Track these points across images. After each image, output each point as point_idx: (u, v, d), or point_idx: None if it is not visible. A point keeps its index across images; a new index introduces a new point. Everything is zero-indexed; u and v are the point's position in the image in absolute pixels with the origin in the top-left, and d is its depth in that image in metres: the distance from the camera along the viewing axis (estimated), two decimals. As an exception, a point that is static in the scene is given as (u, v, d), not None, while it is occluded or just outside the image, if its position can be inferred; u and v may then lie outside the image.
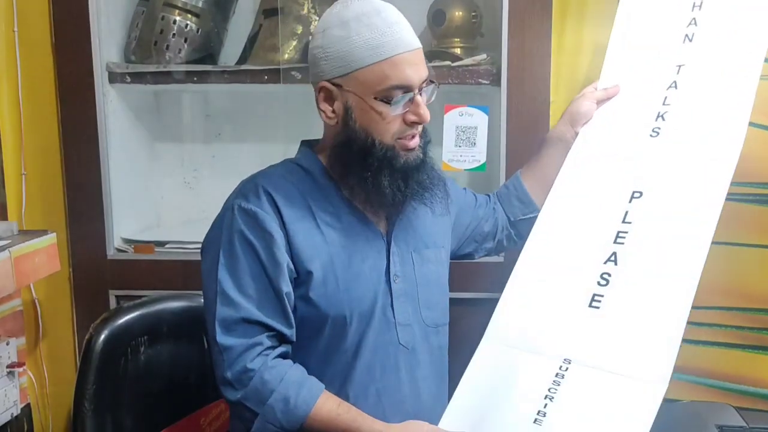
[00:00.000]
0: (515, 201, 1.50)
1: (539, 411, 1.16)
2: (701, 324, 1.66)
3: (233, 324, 1.16)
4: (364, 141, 1.18)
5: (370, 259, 1.24)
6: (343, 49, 1.15)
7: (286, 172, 1.25)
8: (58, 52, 1.74)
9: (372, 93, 1.15)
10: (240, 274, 1.17)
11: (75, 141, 1.76)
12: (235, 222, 1.19)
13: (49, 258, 1.60)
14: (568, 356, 1.21)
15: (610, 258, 1.27)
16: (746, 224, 1.62)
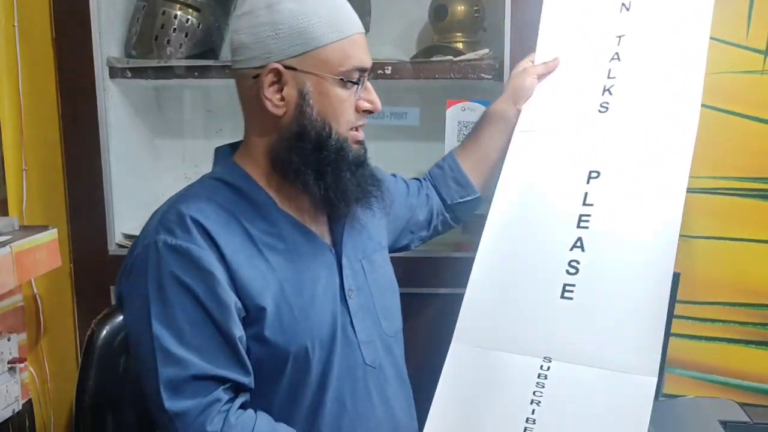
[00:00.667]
0: (452, 183, 1.41)
1: (527, 419, 1.11)
2: (704, 320, 1.66)
3: (182, 384, 0.99)
4: (321, 130, 1.06)
5: (322, 278, 1.11)
6: (300, 24, 1.02)
7: (211, 193, 1.08)
8: (58, 47, 1.73)
9: (335, 73, 1.05)
10: (179, 324, 0.99)
11: (76, 136, 1.75)
12: (162, 263, 1.00)
13: (50, 253, 1.60)
14: (547, 354, 1.15)
15: (576, 244, 1.21)
16: (749, 219, 1.62)
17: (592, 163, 1.25)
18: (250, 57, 1.06)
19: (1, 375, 1.66)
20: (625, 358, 1.10)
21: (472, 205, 1.43)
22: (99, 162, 1.73)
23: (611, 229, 1.20)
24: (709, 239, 1.64)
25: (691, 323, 1.66)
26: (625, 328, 1.12)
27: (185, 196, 1.09)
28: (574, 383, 1.12)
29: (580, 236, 1.21)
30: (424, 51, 1.77)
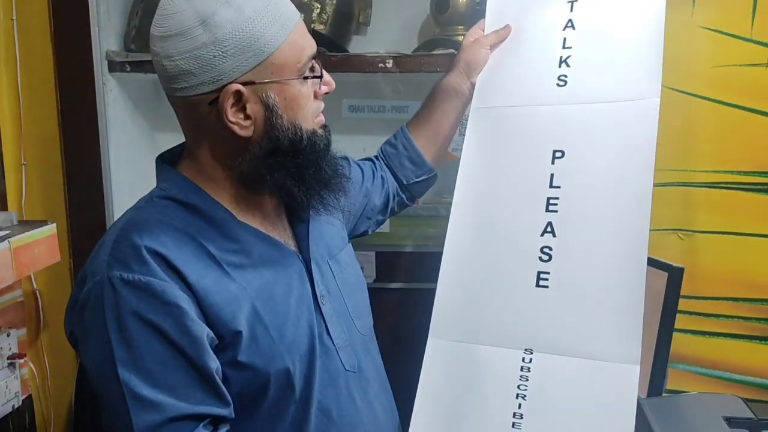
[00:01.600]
0: (407, 162, 1.35)
1: (515, 413, 1.09)
2: (707, 315, 1.65)
3: (161, 428, 0.91)
4: (293, 137, 0.98)
5: (294, 289, 1.04)
6: (246, 35, 0.92)
7: (163, 215, 0.98)
8: (57, 41, 1.72)
9: (295, 72, 0.97)
10: (148, 366, 0.91)
11: (75, 131, 1.74)
12: (121, 301, 0.91)
13: (49, 248, 1.59)
14: (528, 345, 1.12)
15: (547, 229, 1.16)
16: (752, 214, 1.61)
17: (555, 142, 1.19)
18: (198, 83, 0.94)
19: (0, 371, 1.65)
20: (606, 347, 1.07)
21: (428, 184, 1.39)
22: (98, 156, 1.73)
23: (581, 212, 1.15)
24: (713, 234, 1.63)
25: (694, 318, 1.66)
26: (603, 315, 1.09)
27: (135, 222, 0.97)
28: (558, 375, 1.09)
29: (549, 221, 1.16)
30: (425, 44, 1.75)
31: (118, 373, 0.90)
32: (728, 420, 1.14)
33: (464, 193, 1.25)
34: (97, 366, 0.93)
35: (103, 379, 0.93)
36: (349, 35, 1.80)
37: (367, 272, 1.70)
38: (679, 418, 1.19)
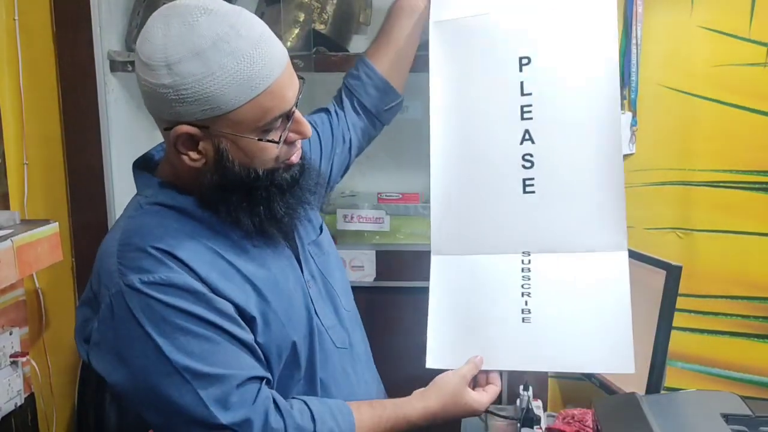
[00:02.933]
0: (372, 91, 1.34)
1: (523, 309, 1.19)
2: (705, 313, 1.66)
3: (229, 397, 0.96)
4: (246, 177, 0.99)
5: (290, 274, 1.09)
6: (206, 89, 0.90)
7: (158, 219, 1.01)
8: (58, 41, 1.72)
9: (251, 132, 0.95)
10: (198, 349, 0.96)
11: (77, 130, 1.74)
12: (150, 302, 0.95)
13: (51, 247, 1.59)
14: (525, 248, 1.21)
15: (525, 137, 1.21)
16: (752, 213, 1.62)
17: (520, 48, 1.21)
18: (157, 112, 0.97)
19: (3, 369, 1.66)
20: (596, 240, 1.17)
21: (396, 110, 1.39)
22: (100, 155, 1.73)
23: (555, 116, 1.19)
24: (712, 232, 1.63)
25: (693, 316, 1.66)
26: (589, 211, 1.17)
27: (132, 229, 1.01)
28: (556, 270, 1.19)
29: (527, 128, 1.20)
30: (425, 44, 1.74)
31: (174, 363, 0.95)
32: (726, 417, 1.14)
33: (439, 112, 1.27)
34: (146, 372, 0.96)
35: (156, 374, 0.95)
36: (349, 35, 1.79)
37: (367, 271, 1.71)
38: (676, 415, 1.19)
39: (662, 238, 1.65)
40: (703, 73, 1.58)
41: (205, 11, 0.92)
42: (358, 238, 1.73)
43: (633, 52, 1.57)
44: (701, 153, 1.61)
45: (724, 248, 1.63)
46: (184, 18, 0.92)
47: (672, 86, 1.60)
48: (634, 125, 1.61)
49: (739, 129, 1.59)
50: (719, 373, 1.68)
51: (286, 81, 0.96)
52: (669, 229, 1.65)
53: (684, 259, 1.54)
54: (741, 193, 1.61)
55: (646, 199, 1.64)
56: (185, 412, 0.96)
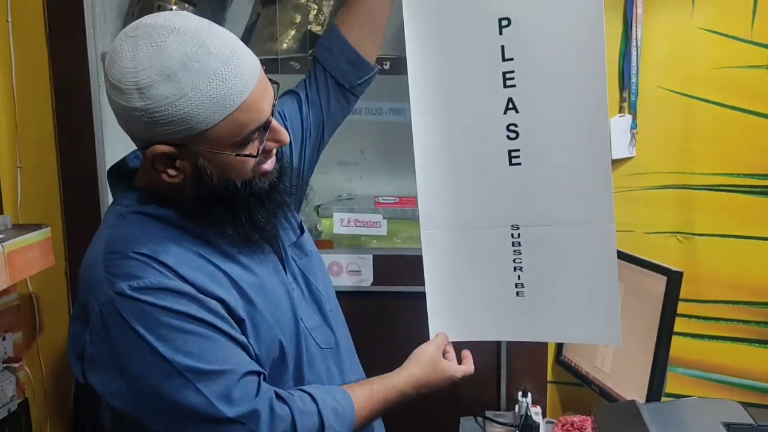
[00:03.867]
0: (345, 65, 1.29)
1: (516, 284, 1.22)
2: (706, 318, 1.65)
3: (232, 391, 0.96)
4: (225, 190, 0.98)
5: (275, 279, 1.09)
6: (179, 111, 0.89)
7: (141, 227, 1.00)
8: (52, 43, 1.70)
9: (228, 148, 0.94)
10: (196, 349, 0.95)
11: (71, 133, 1.73)
12: (143, 306, 0.93)
13: (43, 252, 1.58)
14: (513, 222, 1.21)
15: (509, 106, 1.18)
16: (753, 217, 1.61)
17: (498, 9, 1.16)
18: (131, 132, 0.95)
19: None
20: (583, 212, 1.17)
21: (370, 81, 1.35)
22: (94, 159, 1.71)
23: (538, 82, 1.15)
24: (713, 237, 1.62)
25: (694, 322, 1.65)
26: (576, 182, 1.16)
27: (116, 238, 0.99)
28: (546, 243, 1.20)
29: (510, 97, 1.16)
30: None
31: (174, 365, 0.93)
32: (728, 426, 1.13)
33: (418, 83, 1.23)
34: (146, 378, 0.94)
35: (158, 384, 0.94)
36: (346, 37, 1.77)
37: (364, 276, 1.69)
38: (677, 423, 1.18)
39: (662, 243, 1.64)
40: (704, 76, 1.57)
41: (172, 31, 0.90)
42: (355, 242, 1.72)
43: (633, 55, 1.56)
44: (702, 156, 1.60)
45: (725, 252, 1.62)
46: (151, 39, 0.89)
47: (672, 89, 1.59)
48: (633, 128, 1.60)
49: (741, 132, 1.58)
50: (720, 379, 1.66)
51: (261, 92, 0.95)
52: (669, 234, 1.64)
53: (684, 264, 1.58)
54: (742, 196, 1.60)
55: (646, 203, 1.63)
56: (191, 412, 0.95)
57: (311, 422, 1.02)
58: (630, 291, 1.46)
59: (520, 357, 1.70)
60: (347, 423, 1.06)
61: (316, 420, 1.02)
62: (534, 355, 1.71)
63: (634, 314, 1.42)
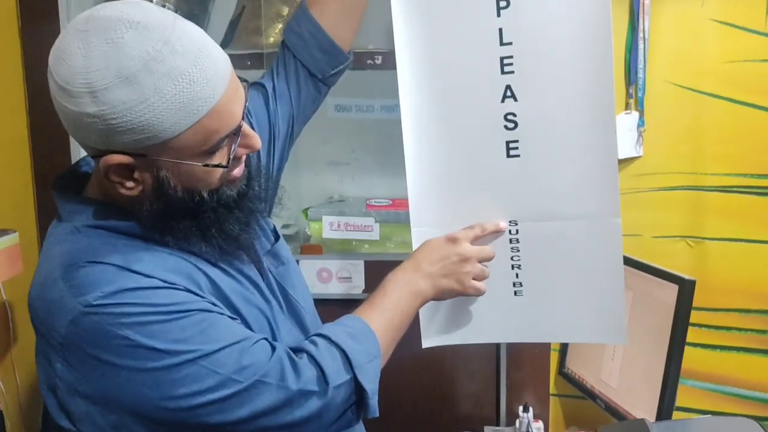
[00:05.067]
0: (317, 53, 1.19)
1: (514, 283, 1.18)
2: (718, 327, 1.61)
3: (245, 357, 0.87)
4: (191, 202, 0.90)
5: (255, 290, 1.00)
6: (140, 118, 0.80)
7: (104, 239, 0.89)
8: (25, 36, 1.63)
9: (194, 157, 0.86)
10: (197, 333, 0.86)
11: (44, 132, 1.66)
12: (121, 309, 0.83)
13: (10, 259, 1.49)
14: (511, 217, 1.16)
15: (507, 94, 1.11)
16: (766, 220, 1.57)
17: None
18: (82, 139, 0.85)
19: (-35, 388, 1.56)
20: (587, 206, 1.12)
21: (344, 71, 1.25)
22: (69, 161, 1.64)
23: (539, 69, 1.10)
24: (725, 241, 1.59)
25: (704, 331, 1.61)
26: (578, 175, 1.11)
27: (74, 251, 0.88)
28: (546, 239, 1.15)
29: (508, 84, 1.11)
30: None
31: (179, 356, 0.84)
32: (746, 448, 1.05)
33: (407, 69, 1.16)
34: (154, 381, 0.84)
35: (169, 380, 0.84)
36: (336, 30, 1.71)
37: (355, 282, 1.64)
38: (691, 445, 1.10)
39: (671, 247, 1.60)
40: (715, 70, 1.54)
41: (131, 25, 0.79)
42: (346, 247, 1.67)
43: (640, 48, 1.52)
44: (713, 156, 1.57)
45: (737, 258, 1.58)
46: (106, 35, 0.79)
47: (682, 84, 1.55)
48: (641, 126, 1.56)
49: (754, 130, 1.54)
50: (732, 392, 1.62)
51: (232, 95, 0.85)
52: (678, 238, 1.60)
53: (694, 270, 1.56)
54: (756, 198, 1.56)
55: (654, 205, 1.60)
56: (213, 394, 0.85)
57: (331, 355, 0.93)
58: (638, 300, 1.41)
59: (520, 368, 1.66)
60: (370, 339, 0.98)
61: (335, 351, 0.94)
62: (535, 366, 1.66)
63: (642, 325, 1.37)
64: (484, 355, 1.65)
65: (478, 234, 1.15)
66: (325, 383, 0.91)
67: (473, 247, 1.14)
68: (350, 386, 0.94)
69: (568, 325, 1.20)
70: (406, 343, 1.20)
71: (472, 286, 1.13)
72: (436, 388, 1.67)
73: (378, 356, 0.98)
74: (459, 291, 1.13)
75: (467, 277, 1.13)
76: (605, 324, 1.17)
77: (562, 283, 1.17)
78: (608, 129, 1.09)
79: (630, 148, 1.55)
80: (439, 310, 1.22)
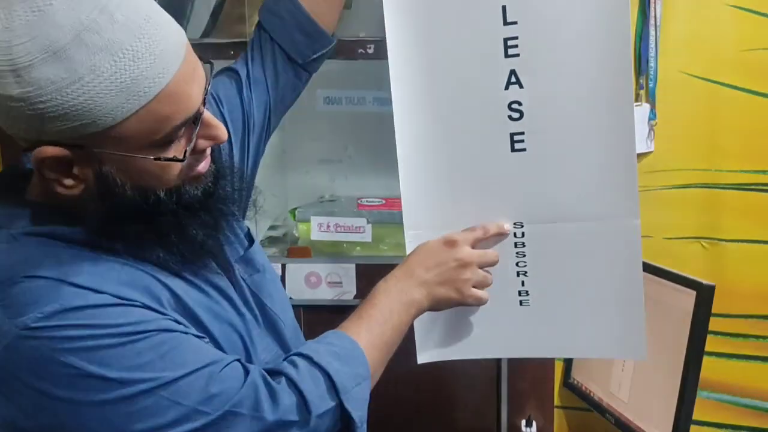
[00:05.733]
0: (298, 35, 1.11)
1: (519, 291, 1.11)
2: (735, 335, 1.55)
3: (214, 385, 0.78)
4: (144, 203, 0.79)
5: (224, 300, 0.90)
6: (73, 101, 0.69)
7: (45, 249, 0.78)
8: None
9: (143, 150, 0.75)
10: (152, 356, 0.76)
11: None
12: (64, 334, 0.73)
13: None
14: (516, 219, 1.08)
15: (511, 80, 1.03)
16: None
17: None
18: (9, 128, 0.74)
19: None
20: (601, 205, 1.05)
21: (327, 56, 1.17)
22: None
23: (547, 51, 1.01)
24: (743, 242, 1.53)
25: (720, 339, 1.54)
26: (592, 171, 1.04)
27: (9, 265, 0.77)
28: (555, 243, 1.08)
29: (512, 68, 1.02)
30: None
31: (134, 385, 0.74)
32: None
33: (399, 52, 1.07)
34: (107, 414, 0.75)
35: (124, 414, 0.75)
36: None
37: (346, 287, 1.56)
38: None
39: (685, 249, 1.54)
40: (732, 59, 1.46)
41: None
42: (336, 249, 1.60)
43: (651, 35, 1.46)
44: (730, 151, 1.50)
45: (756, 260, 1.51)
46: (31, 2, 0.68)
47: (696, 74, 1.48)
48: (652, 119, 1.50)
49: None
50: (750, 404, 1.56)
51: (188, 75, 0.75)
52: (692, 239, 1.54)
53: (710, 274, 1.48)
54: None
55: (666, 204, 1.53)
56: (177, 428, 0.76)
57: (313, 379, 0.85)
58: (651, 307, 1.32)
59: (522, 379, 1.58)
60: (357, 359, 0.90)
61: (318, 374, 0.86)
62: (539, 376, 1.59)
63: (656, 334, 1.29)
64: (484, 364, 1.57)
65: (480, 236, 1.06)
66: (306, 412, 0.83)
67: (474, 251, 1.05)
68: (335, 414, 0.86)
69: (579, 339, 1.12)
70: (398, 350, 1.13)
71: (473, 295, 1.04)
72: (432, 400, 1.60)
73: (367, 378, 0.89)
74: (457, 300, 1.04)
75: (466, 285, 1.04)
76: (621, 338, 1.10)
77: (573, 291, 1.10)
78: (626, 119, 1.01)
79: (641, 142, 1.48)
80: (436, 322, 1.13)
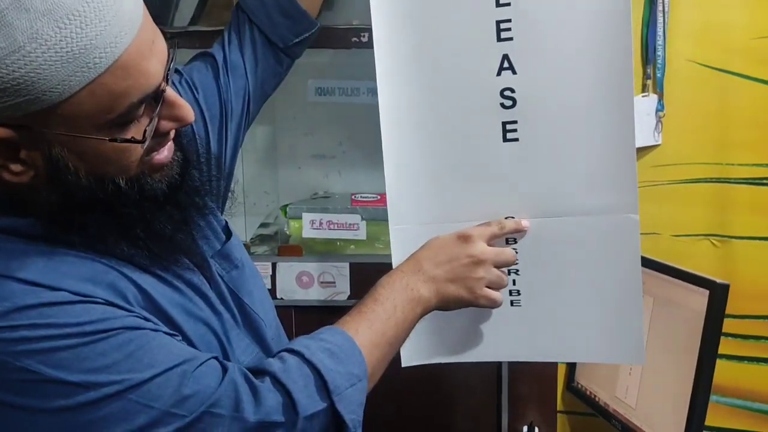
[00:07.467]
0: (278, 17, 1.07)
1: (511, 291, 1.07)
2: (746, 337, 1.51)
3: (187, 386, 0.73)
4: (101, 192, 0.74)
5: (199, 298, 0.84)
6: (13, 74, 0.63)
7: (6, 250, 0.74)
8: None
9: (96, 129, 0.69)
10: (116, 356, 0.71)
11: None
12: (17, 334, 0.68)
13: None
14: (508, 213, 1.04)
15: (504, 66, 0.99)
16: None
17: None
18: None
19: None
20: (598, 199, 1.01)
21: (310, 40, 1.13)
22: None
23: (543, 35, 0.98)
24: (754, 240, 1.48)
25: (731, 341, 1.49)
26: (589, 162, 1.00)
27: None
28: (549, 239, 1.04)
29: (505, 53, 0.99)
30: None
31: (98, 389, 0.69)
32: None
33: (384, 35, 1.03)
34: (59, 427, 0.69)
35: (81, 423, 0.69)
36: (318, 8, 1.60)
37: (339, 287, 1.53)
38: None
39: (694, 247, 1.50)
40: (744, 47, 1.42)
41: None
42: (329, 248, 1.56)
43: (659, 22, 1.41)
44: (741, 144, 1.45)
45: (764, 258, 1.47)
46: None
47: (706, 63, 1.44)
48: (659, 110, 1.46)
49: None
50: (762, 409, 1.51)
51: (145, 46, 0.69)
52: (702, 236, 1.50)
53: (720, 272, 1.44)
54: None
55: (675, 199, 1.49)
56: None
57: (302, 377, 0.79)
58: (660, 307, 1.29)
59: (524, 383, 1.55)
60: (354, 358, 0.83)
61: (308, 371, 0.80)
62: (541, 380, 1.56)
63: (665, 336, 1.26)
64: (484, 368, 1.54)
65: (496, 233, 1.01)
66: (293, 413, 0.77)
67: (490, 248, 0.99)
68: (326, 417, 0.79)
69: (573, 342, 1.08)
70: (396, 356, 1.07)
71: (485, 296, 0.98)
72: (429, 405, 1.57)
73: (363, 378, 0.83)
74: (468, 300, 0.98)
75: (479, 284, 0.97)
76: (619, 341, 1.06)
77: (568, 291, 1.06)
78: (625, 109, 0.98)
79: (647, 135, 1.45)
80: (422, 324, 1.06)
